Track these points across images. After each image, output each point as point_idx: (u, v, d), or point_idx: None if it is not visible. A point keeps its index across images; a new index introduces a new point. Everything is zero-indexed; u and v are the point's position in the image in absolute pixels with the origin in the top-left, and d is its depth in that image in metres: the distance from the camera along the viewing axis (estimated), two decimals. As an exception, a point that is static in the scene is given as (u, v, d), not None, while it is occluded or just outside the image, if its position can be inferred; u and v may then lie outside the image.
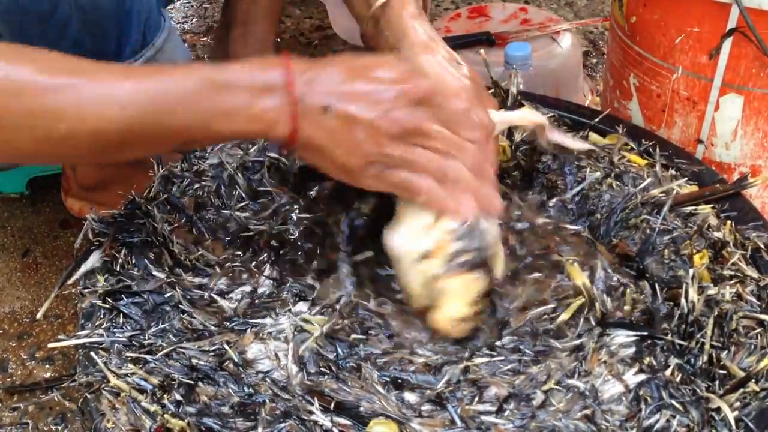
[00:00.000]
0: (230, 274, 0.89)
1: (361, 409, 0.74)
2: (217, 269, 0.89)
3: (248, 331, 0.82)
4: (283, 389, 0.76)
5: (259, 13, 1.40)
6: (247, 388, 0.77)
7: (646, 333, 0.80)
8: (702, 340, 0.78)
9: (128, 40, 1.02)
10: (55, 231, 1.33)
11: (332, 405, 0.74)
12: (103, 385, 0.76)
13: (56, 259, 1.28)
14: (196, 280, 0.88)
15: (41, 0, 0.93)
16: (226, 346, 0.80)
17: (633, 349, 0.79)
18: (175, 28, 1.09)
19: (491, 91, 1.10)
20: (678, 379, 0.76)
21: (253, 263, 0.90)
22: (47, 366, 1.13)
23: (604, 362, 0.78)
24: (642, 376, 0.76)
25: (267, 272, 0.89)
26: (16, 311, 1.21)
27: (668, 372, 0.76)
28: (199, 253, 0.90)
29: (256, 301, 0.87)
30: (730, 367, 0.76)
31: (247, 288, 0.88)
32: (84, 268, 0.88)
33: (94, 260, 0.88)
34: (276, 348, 0.81)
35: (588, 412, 0.73)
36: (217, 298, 0.85)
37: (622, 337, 0.80)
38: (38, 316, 1.17)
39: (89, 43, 0.99)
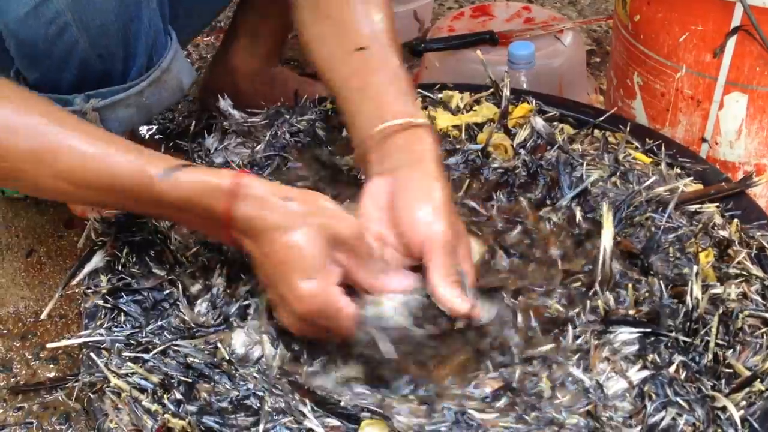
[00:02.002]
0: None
1: (342, 402, 0.74)
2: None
3: (233, 323, 0.83)
4: (274, 386, 0.77)
5: (268, 29, 1.40)
6: (243, 382, 0.77)
7: (649, 330, 0.80)
8: (707, 338, 0.78)
9: (135, 62, 1.03)
10: (60, 231, 1.33)
11: (316, 401, 0.75)
12: (105, 385, 0.76)
13: (60, 259, 1.28)
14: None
15: (48, 23, 0.94)
16: (219, 345, 0.80)
17: (636, 347, 0.79)
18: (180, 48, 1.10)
19: (490, 90, 1.10)
20: (683, 377, 0.75)
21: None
22: (51, 366, 1.13)
23: (607, 359, 0.78)
24: (646, 372, 0.76)
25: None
26: (20, 311, 1.21)
27: (672, 369, 0.76)
28: (196, 248, 0.90)
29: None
30: (735, 366, 0.76)
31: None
32: (87, 268, 0.88)
33: (97, 260, 0.88)
34: (255, 326, 0.82)
35: (590, 407, 0.73)
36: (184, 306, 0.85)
37: (625, 334, 0.80)
38: (42, 316, 1.17)
39: (96, 64, 1.00)
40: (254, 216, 0.76)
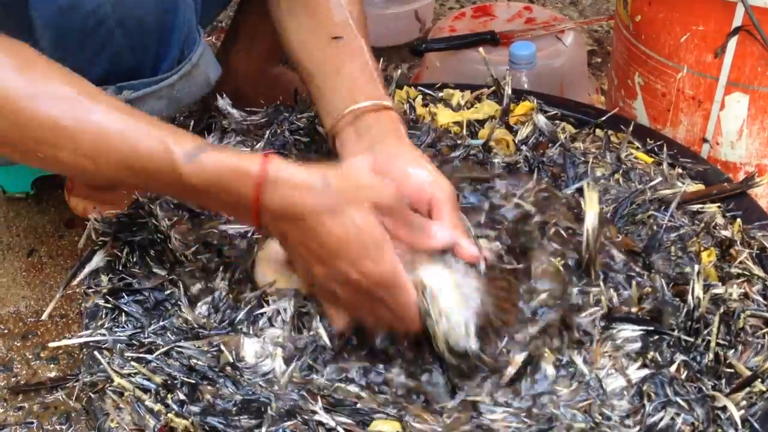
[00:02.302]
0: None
1: (359, 405, 0.74)
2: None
3: (243, 327, 0.83)
4: (281, 390, 0.76)
5: (268, 29, 1.40)
6: (248, 386, 0.76)
7: (652, 328, 0.80)
8: (708, 337, 0.78)
9: (167, 56, 1.03)
10: (60, 230, 1.33)
11: (329, 404, 0.74)
12: (107, 385, 0.76)
13: (61, 259, 1.29)
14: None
15: (85, 17, 0.94)
16: (223, 348, 0.80)
17: (639, 344, 0.79)
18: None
19: (492, 89, 1.10)
20: (684, 376, 0.75)
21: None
22: (52, 366, 1.13)
23: (608, 355, 0.78)
24: (645, 371, 0.76)
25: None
26: (21, 311, 1.21)
27: (673, 368, 0.76)
28: (195, 247, 0.90)
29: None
30: (736, 366, 0.76)
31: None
32: (88, 268, 0.88)
33: (98, 260, 0.88)
34: (272, 336, 0.81)
35: (586, 404, 0.73)
36: (186, 307, 0.85)
37: (628, 331, 0.80)
38: (44, 317, 1.17)
39: (128, 58, 1.00)
40: (291, 201, 0.75)
